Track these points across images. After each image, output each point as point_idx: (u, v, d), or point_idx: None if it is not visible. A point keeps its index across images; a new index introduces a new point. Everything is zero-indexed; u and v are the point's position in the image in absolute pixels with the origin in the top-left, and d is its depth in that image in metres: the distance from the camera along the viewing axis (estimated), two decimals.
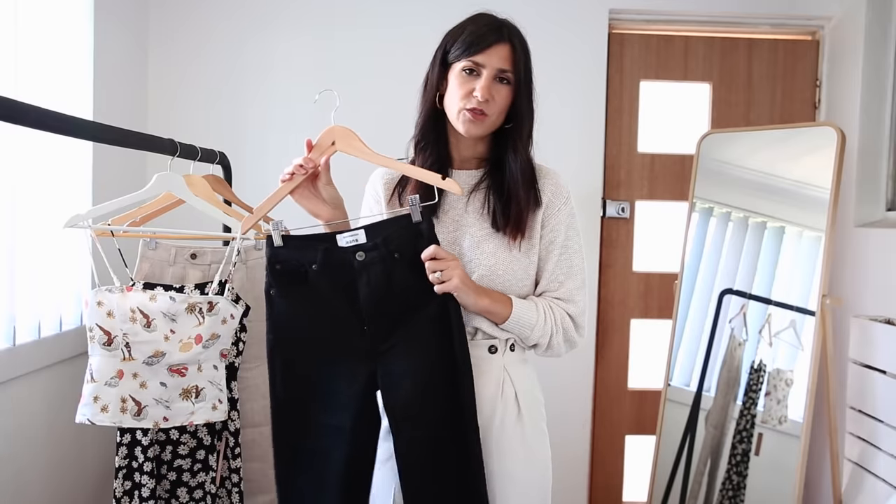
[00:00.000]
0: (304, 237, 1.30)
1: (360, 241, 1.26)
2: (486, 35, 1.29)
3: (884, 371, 1.96)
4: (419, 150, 1.38)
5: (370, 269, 1.26)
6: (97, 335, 1.35)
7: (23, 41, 1.69)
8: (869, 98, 2.32)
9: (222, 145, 2.00)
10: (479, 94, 1.27)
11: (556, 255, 1.36)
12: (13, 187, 1.64)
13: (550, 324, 1.33)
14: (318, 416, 1.30)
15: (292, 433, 1.32)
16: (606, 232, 2.65)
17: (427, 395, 1.26)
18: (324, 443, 1.30)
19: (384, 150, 1.40)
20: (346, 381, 1.29)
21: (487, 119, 1.30)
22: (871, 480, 1.97)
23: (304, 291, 1.29)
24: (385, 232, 1.26)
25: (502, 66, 1.29)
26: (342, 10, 2.52)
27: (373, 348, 1.28)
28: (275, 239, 1.28)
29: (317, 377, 1.30)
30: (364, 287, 1.26)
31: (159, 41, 2.48)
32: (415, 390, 1.26)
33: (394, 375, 1.27)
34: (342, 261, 1.27)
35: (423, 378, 1.26)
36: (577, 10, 2.56)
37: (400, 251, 1.25)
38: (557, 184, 1.38)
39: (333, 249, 1.27)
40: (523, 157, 1.34)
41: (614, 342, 2.68)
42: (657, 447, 2.37)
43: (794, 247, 2.15)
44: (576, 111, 2.57)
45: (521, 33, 1.33)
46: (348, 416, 1.28)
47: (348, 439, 1.29)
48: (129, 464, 1.56)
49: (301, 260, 1.28)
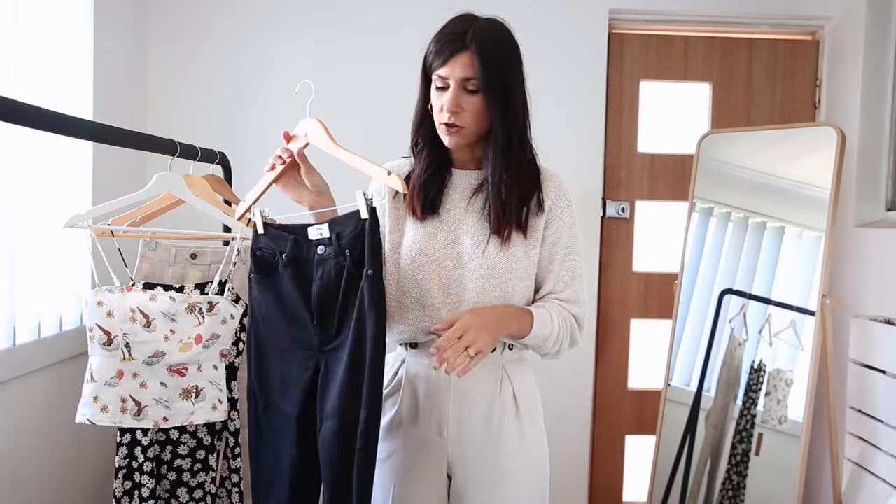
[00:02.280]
0: (281, 226, 1.34)
1: (324, 235, 1.29)
2: (446, 46, 1.26)
3: (884, 371, 1.96)
4: (416, 153, 1.38)
5: (325, 264, 1.29)
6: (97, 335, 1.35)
7: (23, 41, 1.69)
8: (869, 98, 2.32)
9: (222, 145, 2.00)
10: (446, 107, 1.27)
11: (561, 258, 1.36)
12: (13, 187, 1.64)
13: (562, 334, 1.33)
14: (276, 400, 1.36)
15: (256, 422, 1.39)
16: (606, 232, 2.65)
17: (342, 396, 1.26)
18: (277, 424, 1.36)
19: (384, 150, 1.41)
20: (298, 371, 1.33)
21: (464, 129, 1.29)
22: (871, 480, 1.97)
23: (274, 280, 1.34)
24: (339, 228, 1.28)
25: (465, 74, 1.25)
26: (344, 13, 2.52)
27: (320, 344, 1.31)
28: (258, 226, 1.34)
29: (277, 363, 1.35)
30: (317, 282, 1.29)
31: (159, 41, 2.48)
32: (337, 392, 1.27)
33: (329, 374, 1.30)
34: (307, 253, 1.30)
35: (342, 380, 1.26)
36: (577, 11, 2.56)
37: (350, 247, 1.26)
38: (560, 186, 1.38)
39: (302, 241, 1.31)
40: (502, 157, 1.30)
41: (614, 342, 2.68)
42: (657, 447, 2.37)
43: (794, 247, 2.15)
44: (576, 111, 2.57)
45: (491, 35, 1.27)
46: (296, 405, 1.33)
47: (295, 427, 1.33)
48: (129, 464, 1.56)
49: (274, 249, 1.33)
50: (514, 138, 1.31)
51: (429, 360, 1.34)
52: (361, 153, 1.33)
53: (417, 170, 1.36)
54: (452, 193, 1.36)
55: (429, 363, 1.34)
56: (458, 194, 1.36)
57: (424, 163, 1.36)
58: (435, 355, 1.20)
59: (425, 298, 1.32)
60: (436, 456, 1.34)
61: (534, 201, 1.34)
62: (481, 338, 1.20)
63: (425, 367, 1.35)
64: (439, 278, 1.32)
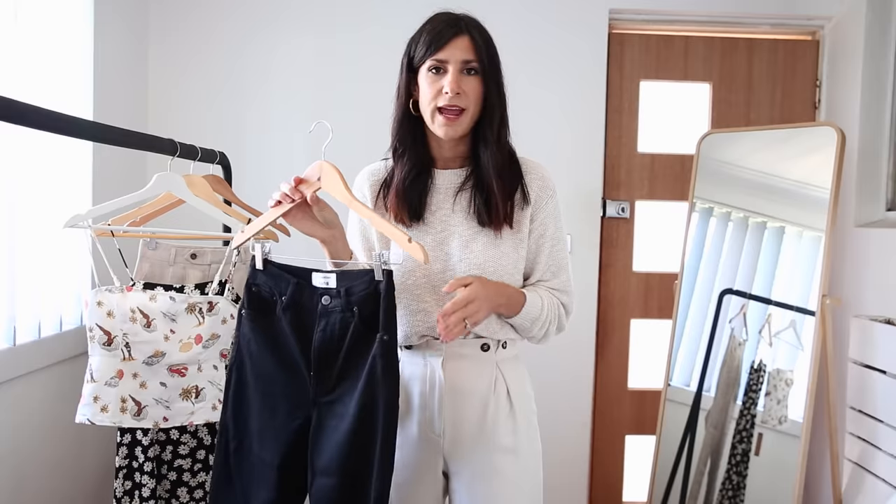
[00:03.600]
0: (282, 265, 1.27)
1: (330, 284, 1.23)
2: (443, 31, 1.28)
3: (884, 371, 1.96)
4: (397, 158, 1.36)
5: (329, 316, 1.23)
6: (97, 335, 1.35)
7: (23, 41, 1.69)
8: (869, 98, 2.31)
9: (222, 145, 2.00)
10: (448, 88, 1.27)
11: (549, 248, 1.38)
12: (13, 187, 1.64)
13: (551, 315, 1.35)
14: (253, 445, 1.28)
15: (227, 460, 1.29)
16: (606, 232, 2.65)
17: (346, 454, 1.22)
18: (248, 468, 1.28)
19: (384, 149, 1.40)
20: (285, 420, 1.26)
21: (465, 115, 1.29)
22: (871, 480, 1.97)
23: (269, 321, 1.26)
24: (349, 283, 1.23)
25: (466, 57, 1.28)
26: (343, 11, 2.52)
27: (315, 396, 1.25)
28: (257, 261, 1.26)
29: (260, 406, 1.27)
30: (319, 333, 1.24)
31: (159, 41, 2.48)
32: (337, 449, 1.22)
33: (324, 429, 1.24)
34: (309, 300, 1.24)
35: (346, 439, 1.22)
36: (577, 10, 2.56)
37: (359, 306, 1.22)
38: (543, 177, 1.38)
39: (305, 287, 1.24)
40: (494, 147, 1.32)
41: (614, 342, 2.68)
42: (657, 447, 2.37)
43: (794, 247, 2.15)
44: (576, 111, 2.57)
45: (480, 24, 1.32)
46: (277, 454, 1.26)
47: (275, 476, 1.26)
48: (129, 464, 1.56)
49: (273, 289, 1.26)
50: (504, 126, 1.33)
51: (424, 360, 1.35)
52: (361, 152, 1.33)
53: (399, 175, 1.34)
54: (436, 195, 1.36)
55: (424, 363, 1.35)
56: (441, 195, 1.36)
57: (406, 166, 1.34)
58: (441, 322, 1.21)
59: (417, 303, 1.32)
60: (431, 454, 1.35)
61: (518, 194, 1.35)
62: (482, 309, 1.24)
63: (420, 367, 1.35)
64: (429, 282, 1.32)
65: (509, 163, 1.35)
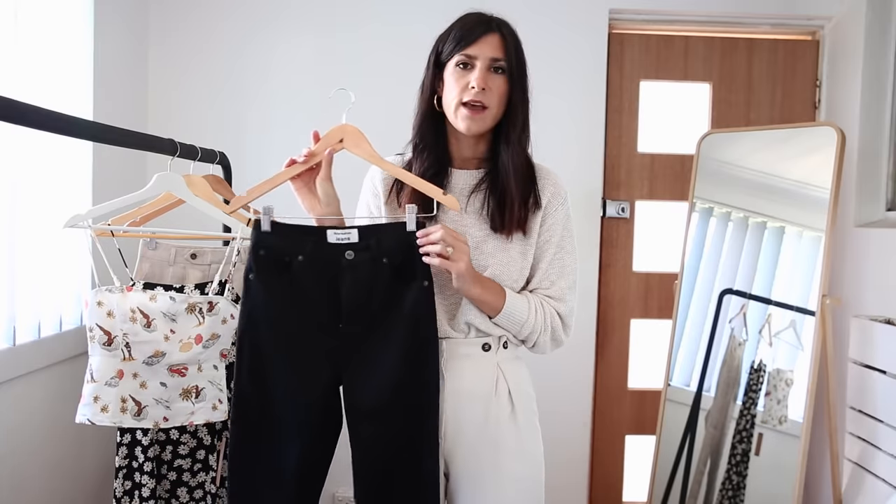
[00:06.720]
0: (293, 226, 1.30)
1: (351, 239, 1.26)
2: (475, 28, 1.30)
3: (884, 371, 1.96)
4: (417, 153, 1.38)
5: (357, 269, 1.26)
6: (97, 335, 1.35)
7: (23, 41, 1.69)
8: (869, 98, 2.32)
9: (222, 145, 2.00)
10: (475, 83, 1.28)
11: (551, 255, 1.37)
12: (13, 187, 1.64)
13: (540, 322, 1.34)
14: (278, 410, 1.29)
15: (251, 425, 1.29)
16: (606, 232, 2.65)
17: (392, 395, 1.26)
18: (281, 437, 1.29)
19: (385, 150, 1.40)
20: (311, 376, 1.28)
21: (487, 112, 1.30)
22: (871, 480, 1.97)
23: (284, 281, 1.27)
24: (379, 235, 1.26)
25: (495, 55, 1.29)
26: (343, 10, 2.52)
27: (343, 346, 1.28)
28: (263, 223, 1.27)
29: (282, 369, 1.29)
30: (348, 286, 1.26)
31: (159, 41, 2.48)
32: (379, 391, 1.26)
33: (361, 375, 1.27)
34: (329, 256, 1.27)
35: (389, 380, 1.26)
36: (577, 10, 2.56)
37: (389, 257, 1.25)
38: (556, 184, 1.39)
39: (322, 244, 1.27)
40: (516, 148, 1.33)
41: (614, 342, 2.68)
42: (657, 447, 2.37)
43: (794, 247, 2.15)
44: (576, 111, 2.57)
45: (510, 25, 1.34)
46: (309, 412, 1.28)
47: (308, 435, 1.29)
48: (129, 464, 1.56)
49: (287, 249, 1.28)
50: (525, 130, 1.34)
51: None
52: None
53: (417, 171, 1.36)
54: (451, 194, 1.36)
55: None
56: (456, 194, 1.36)
57: (425, 163, 1.36)
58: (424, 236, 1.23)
59: None
60: None
61: (531, 199, 1.35)
62: (464, 260, 1.23)
63: None
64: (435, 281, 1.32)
65: (526, 167, 1.36)
